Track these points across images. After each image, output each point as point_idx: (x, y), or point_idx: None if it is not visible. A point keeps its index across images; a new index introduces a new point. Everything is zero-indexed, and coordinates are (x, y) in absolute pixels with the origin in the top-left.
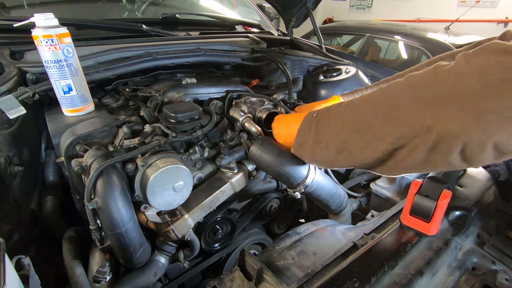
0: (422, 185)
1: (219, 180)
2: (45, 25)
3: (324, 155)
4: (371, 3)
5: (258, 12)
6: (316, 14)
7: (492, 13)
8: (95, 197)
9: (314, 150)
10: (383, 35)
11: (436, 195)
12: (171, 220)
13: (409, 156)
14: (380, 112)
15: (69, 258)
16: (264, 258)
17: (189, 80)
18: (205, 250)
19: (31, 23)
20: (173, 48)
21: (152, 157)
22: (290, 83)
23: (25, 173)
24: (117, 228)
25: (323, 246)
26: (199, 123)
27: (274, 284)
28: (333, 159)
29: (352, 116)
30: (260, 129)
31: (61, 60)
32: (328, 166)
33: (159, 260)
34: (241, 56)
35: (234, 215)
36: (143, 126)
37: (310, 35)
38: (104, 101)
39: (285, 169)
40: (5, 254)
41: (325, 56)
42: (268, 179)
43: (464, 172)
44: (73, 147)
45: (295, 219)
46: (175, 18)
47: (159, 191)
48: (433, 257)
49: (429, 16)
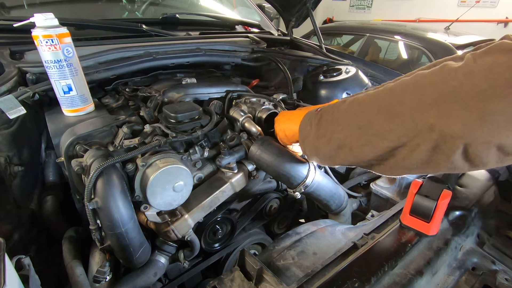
0: (422, 185)
1: (219, 180)
2: (45, 25)
3: (325, 149)
4: (371, 3)
5: (258, 12)
6: (316, 14)
7: (492, 13)
8: (95, 197)
9: (316, 145)
10: (383, 35)
11: (436, 195)
12: (171, 220)
13: (410, 155)
14: (383, 109)
15: (69, 258)
16: (264, 258)
17: (189, 80)
18: (205, 250)
19: (31, 23)
20: (173, 48)
21: (152, 157)
22: (290, 83)
23: (25, 173)
24: (117, 228)
25: (323, 246)
26: (199, 123)
27: (274, 284)
28: (333, 154)
29: (356, 111)
30: (260, 129)
31: (61, 60)
32: (329, 163)
33: (159, 260)
34: (241, 56)
35: (234, 215)
36: (143, 126)
37: (310, 35)
38: (104, 101)
39: (285, 169)
40: (5, 254)
41: (325, 56)
42: (268, 179)
43: (464, 172)
44: (73, 147)
45: (295, 219)
46: (175, 18)
47: (159, 191)
48: (433, 257)
49: (429, 16)
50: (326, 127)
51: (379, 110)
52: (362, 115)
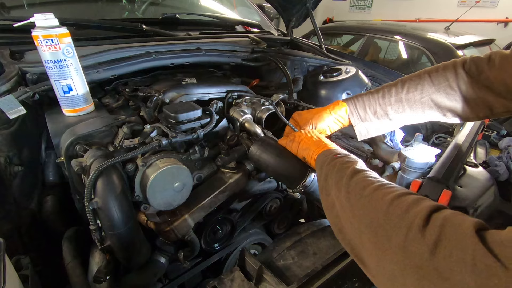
0: (422, 185)
1: (219, 180)
2: (45, 25)
3: (324, 204)
4: (371, 3)
5: (258, 12)
6: (316, 14)
7: (492, 13)
8: (95, 197)
9: (320, 192)
10: (383, 35)
11: (436, 195)
12: (171, 220)
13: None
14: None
15: (69, 258)
16: (264, 258)
17: (189, 80)
18: (205, 250)
19: (31, 23)
20: (173, 48)
21: (152, 157)
22: (290, 83)
23: (25, 173)
24: (117, 228)
25: (323, 246)
26: (199, 123)
27: (274, 284)
28: (328, 213)
29: (351, 201)
30: (260, 129)
31: (61, 60)
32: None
33: (159, 260)
34: (241, 56)
35: (234, 215)
36: (143, 126)
37: (310, 35)
38: (104, 101)
39: (285, 169)
40: (5, 254)
41: (325, 56)
42: (268, 179)
43: (464, 172)
44: (73, 147)
45: (295, 219)
46: (175, 18)
47: (159, 191)
48: None
49: (429, 16)
50: (330, 187)
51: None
52: (355, 205)
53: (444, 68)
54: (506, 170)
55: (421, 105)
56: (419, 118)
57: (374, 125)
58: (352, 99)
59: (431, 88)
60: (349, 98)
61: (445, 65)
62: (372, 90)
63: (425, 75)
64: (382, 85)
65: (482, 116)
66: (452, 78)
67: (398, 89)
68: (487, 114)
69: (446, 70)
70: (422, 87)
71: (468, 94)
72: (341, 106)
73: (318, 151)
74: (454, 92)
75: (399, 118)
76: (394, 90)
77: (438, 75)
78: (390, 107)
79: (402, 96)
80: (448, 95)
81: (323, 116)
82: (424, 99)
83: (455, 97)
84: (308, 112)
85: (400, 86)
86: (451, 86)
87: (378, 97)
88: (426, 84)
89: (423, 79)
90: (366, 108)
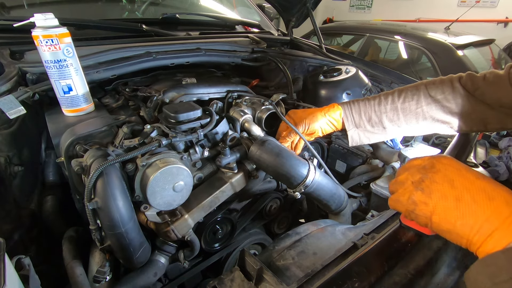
0: None
1: (219, 180)
2: (45, 25)
3: None
4: (371, 3)
5: (258, 12)
6: (316, 14)
7: (492, 13)
8: (95, 197)
9: None
10: (383, 35)
11: None
12: (171, 220)
13: None
14: None
15: (69, 258)
16: (264, 258)
17: (189, 80)
18: (205, 250)
19: (31, 23)
20: (173, 48)
21: (152, 157)
22: (290, 83)
23: (25, 173)
24: (117, 228)
25: (323, 246)
26: (199, 123)
27: (274, 284)
28: None
29: None
30: (260, 129)
31: (61, 60)
32: None
33: (159, 260)
34: (241, 56)
35: (234, 215)
36: (143, 126)
37: (310, 35)
38: (104, 101)
39: (285, 169)
40: (5, 254)
41: (325, 56)
42: (268, 179)
43: None
44: (73, 147)
45: (295, 219)
46: (175, 18)
47: (159, 191)
48: (433, 257)
49: (429, 16)
50: None
51: None
52: None
53: (441, 82)
54: (506, 170)
55: (415, 116)
56: (413, 129)
57: (367, 132)
58: (348, 103)
59: (427, 99)
60: (345, 102)
61: (442, 79)
62: (369, 97)
63: (422, 86)
64: (379, 93)
65: (476, 130)
66: (448, 91)
67: (394, 98)
68: (481, 129)
69: (443, 83)
70: (418, 98)
71: (464, 108)
72: (336, 109)
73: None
74: (450, 105)
75: (392, 127)
76: (390, 99)
77: (435, 88)
78: (385, 115)
79: (397, 105)
80: (443, 108)
81: (317, 116)
82: (419, 109)
83: (450, 110)
84: (303, 111)
85: (397, 95)
86: (447, 99)
87: (374, 104)
88: (422, 95)
89: (420, 90)
90: (361, 114)
